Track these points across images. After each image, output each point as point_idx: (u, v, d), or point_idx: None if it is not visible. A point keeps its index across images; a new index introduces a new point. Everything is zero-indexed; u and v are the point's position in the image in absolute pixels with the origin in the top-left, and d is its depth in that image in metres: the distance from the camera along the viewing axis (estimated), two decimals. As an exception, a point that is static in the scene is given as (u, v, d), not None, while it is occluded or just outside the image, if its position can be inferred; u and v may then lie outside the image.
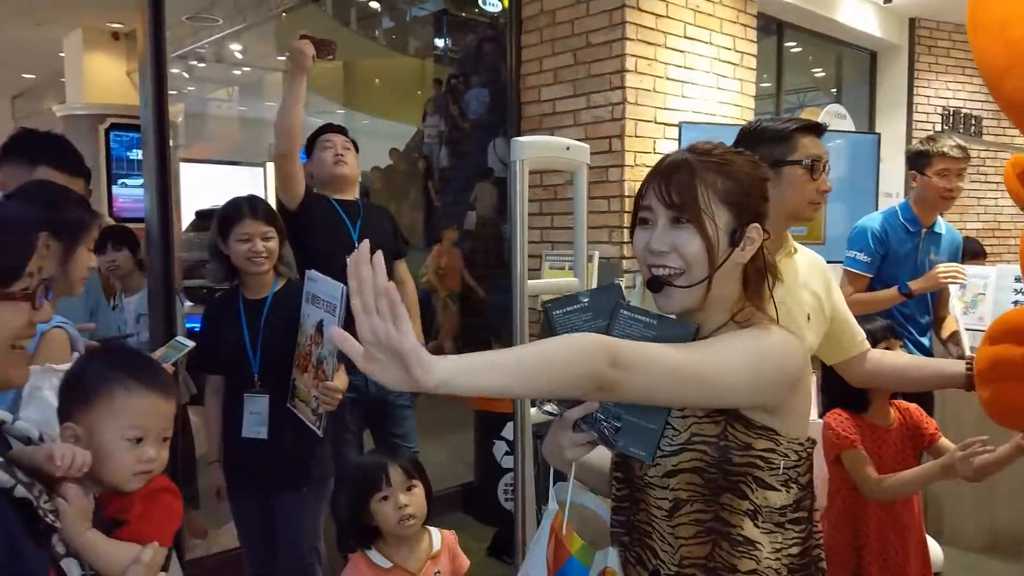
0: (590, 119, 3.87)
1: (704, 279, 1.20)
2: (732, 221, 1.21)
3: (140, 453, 1.19)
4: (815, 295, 1.90)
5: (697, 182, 1.20)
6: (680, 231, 1.20)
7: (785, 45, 5.71)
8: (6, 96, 13.36)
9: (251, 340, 2.49)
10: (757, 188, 1.25)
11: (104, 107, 7.71)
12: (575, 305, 1.26)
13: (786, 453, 1.21)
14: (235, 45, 9.11)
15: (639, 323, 1.22)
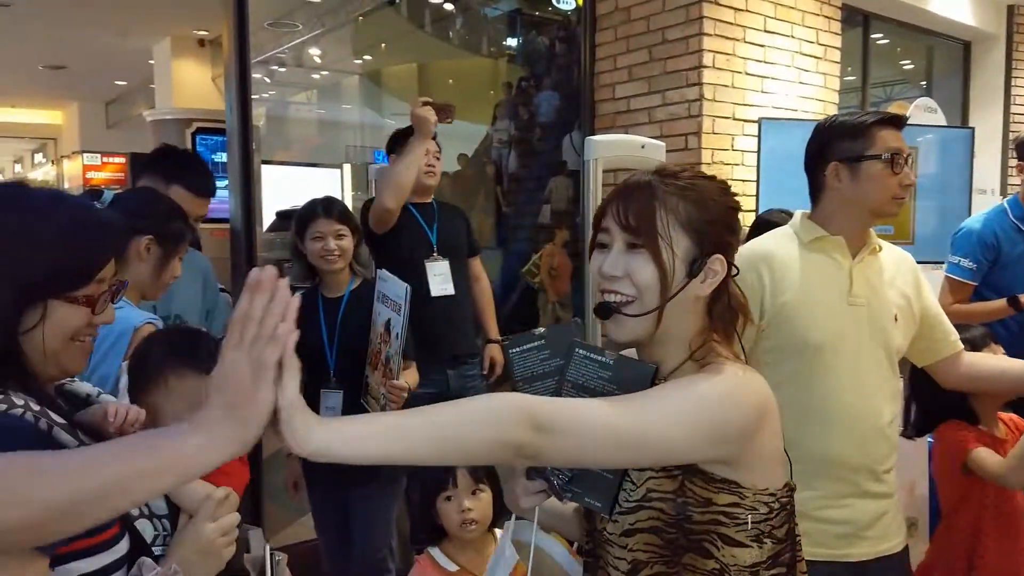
0: (665, 116, 3.80)
1: (654, 309, 1.10)
2: (692, 249, 1.11)
3: None
4: (903, 294, 1.81)
5: (657, 205, 1.11)
6: (635, 256, 1.11)
7: (871, 37, 5.50)
8: (101, 102, 14.09)
9: (328, 337, 2.54)
10: (724, 217, 1.15)
11: (191, 111, 8.01)
12: (532, 343, 1.20)
13: (754, 506, 1.09)
14: (314, 49, 9.34)
15: (594, 363, 1.14)
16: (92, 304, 1.07)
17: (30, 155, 19.47)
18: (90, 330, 1.10)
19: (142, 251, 1.81)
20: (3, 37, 9.20)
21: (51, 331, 1.04)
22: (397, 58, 9.96)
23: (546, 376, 1.20)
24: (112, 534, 1.08)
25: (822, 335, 1.73)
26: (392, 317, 2.35)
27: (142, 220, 1.82)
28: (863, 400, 1.74)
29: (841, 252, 1.77)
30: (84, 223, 1.09)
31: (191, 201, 2.38)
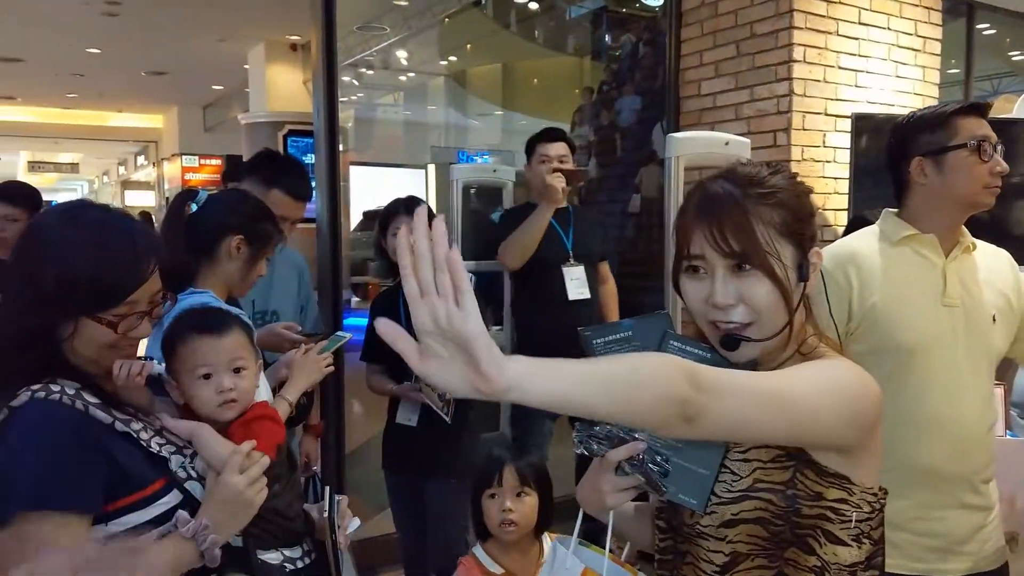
0: (753, 112, 3.71)
1: (784, 326, 1.06)
2: (797, 254, 1.08)
3: (215, 385, 1.33)
4: (1002, 293, 1.73)
5: (753, 221, 1.05)
6: (744, 279, 1.05)
7: (976, 27, 5.23)
8: (199, 106, 14.71)
9: (409, 332, 2.56)
10: (808, 208, 1.11)
11: (283, 114, 8.29)
12: (618, 334, 1.13)
13: (859, 504, 1.06)
14: (401, 52, 9.52)
15: (691, 355, 1.09)
16: (115, 326, 1.17)
17: (133, 157, 20.48)
18: (126, 340, 1.20)
19: (232, 250, 1.88)
20: (111, 44, 9.72)
21: (82, 344, 1.18)
22: (482, 59, 10.06)
23: None
24: (157, 487, 1.18)
25: (914, 337, 1.66)
26: None
27: (234, 220, 1.88)
28: (960, 406, 1.66)
29: (933, 250, 1.70)
30: (117, 251, 1.18)
31: (289, 204, 2.47)
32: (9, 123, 15.53)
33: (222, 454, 1.23)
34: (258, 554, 1.29)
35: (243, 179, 2.50)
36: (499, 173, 3.72)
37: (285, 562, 1.33)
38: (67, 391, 1.14)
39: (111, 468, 1.13)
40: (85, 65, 11.10)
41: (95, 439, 1.13)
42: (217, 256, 1.86)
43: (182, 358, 1.35)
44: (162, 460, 1.21)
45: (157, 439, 1.23)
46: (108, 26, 8.72)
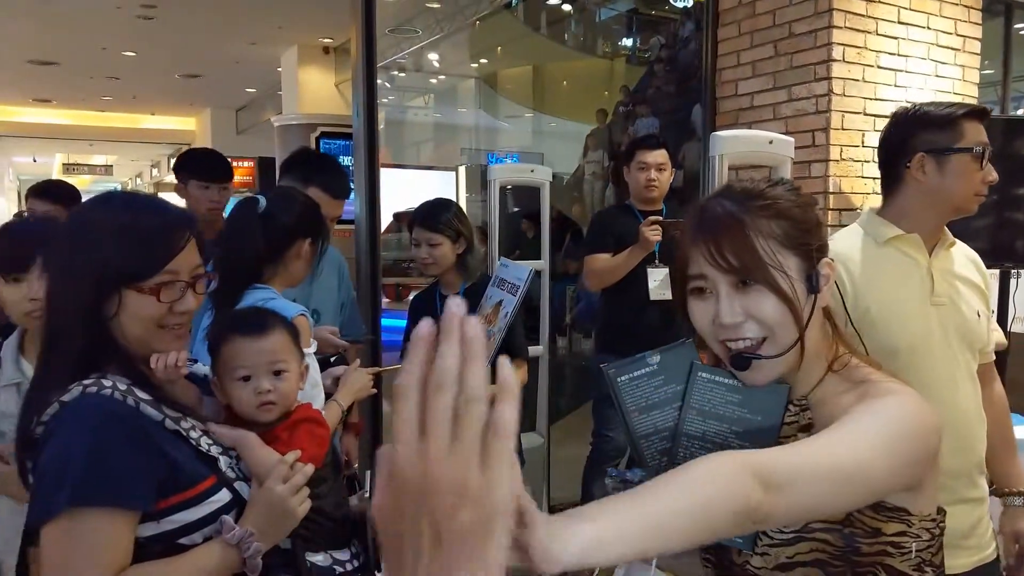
0: (791, 112, 3.69)
1: (796, 342, 1.02)
2: (803, 265, 1.03)
3: (254, 387, 1.34)
4: (979, 288, 1.76)
5: (752, 235, 1.02)
6: (749, 295, 1.02)
7: (1015, 27, 5.16)
8: (231, 109, 14.88)
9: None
10: (813, 219, 1.07)
11: (315, 117, 8.35)
12: (643, 369, 1.09)
13: (918, 534, 1.02)
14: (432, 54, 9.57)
15: (721, 386, 1.05)
16: (157, 293, 1.17)
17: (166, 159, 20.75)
18: (175, 318, 1.21)
19: (303, 252, 1.95)
20: (145, 47, 9.87)
21: (128, 319, 1.18)
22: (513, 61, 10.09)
23: (664, 404, 1.10)
24: (207, 486, 1.19)
25: (908, 339, 1.66)
26: (505, 298, 2.40)
27: (306, 225, 1.95)
28: (958, 401, 1.68)
29: (918, 250, 1.70)
30: (150, 222, 1.20)
31: (328, 202, 2.49)
32: (45, 125, 15.82)
33: (267, 463, 1.24)
34: (306, 556, 1.29)
35: (281, 177, 2.53)
36: (536, 173, 3.73)
37: (335, 564, 1.34)
38: (119, 386, 1.14)
39: (162, 465, 1.14)
40: (119, 68, 11.28)
41: (146, 435, 1.14)
42: (286, 257, 1.92)
43: (223, 359, 1.36)
44: (211, 459, 1.22)
45: (206, 439, 1.24)
46: (142, 29, 8.86)
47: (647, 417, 1.10)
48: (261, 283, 1.87)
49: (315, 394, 1.78)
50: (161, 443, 1.15)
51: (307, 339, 1.82)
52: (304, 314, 1.84)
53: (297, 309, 1.81)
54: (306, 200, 2.06)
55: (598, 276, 3.29)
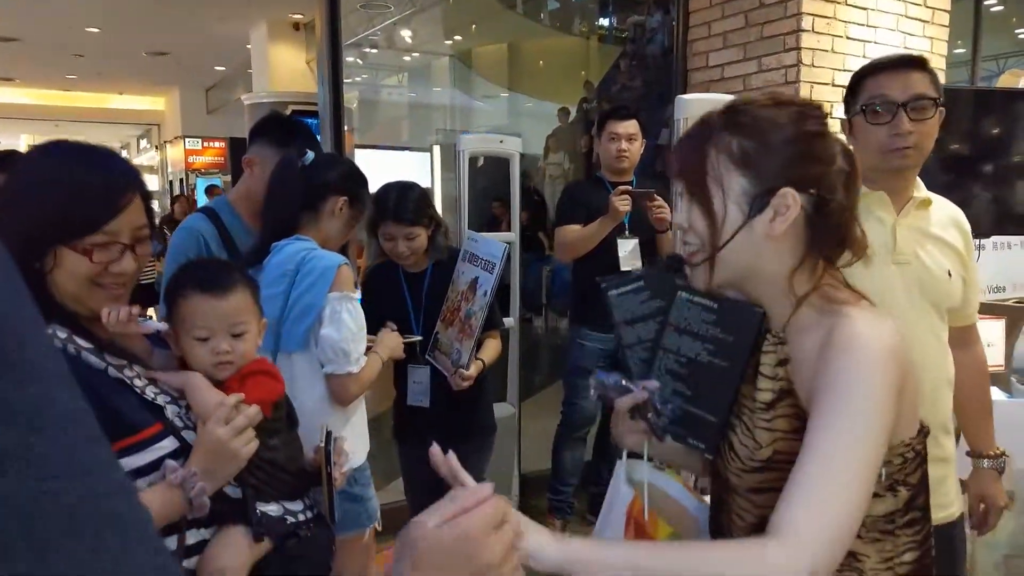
0: (761, 83, 3.69)
1: (706, 258, 1.05)
2: (751, 187, 1.02)
3: (212, 347, 1.31)
4: (955, 249, 1.73)
5: (709, 149, 1.03)
6: (692, 206, 1.06)
7: (985, 4, 5.21)
8: (201, 88, 14.66)
9: (414, 311, 2.55)
10: (791, 145, 1.02)
11: (286, 94, 8.24)
12: (631, 285, 1.18)
13: (889, 460, 1.04)
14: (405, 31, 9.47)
15: (698, 307, 1.11)
16: (90, 254, 1.15)
17: (136, 140, 20.45)
18: (111, 278, 1.18)
19: (336, 210, 2.00)
20: (110, 24, 9.67)
21: (63, 276, 1.15)
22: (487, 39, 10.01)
23: (647, 318, 1.19)
24: (152, 433, 1.17)
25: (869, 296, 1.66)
26: (481, 275, 2.36)
27: (342, 182, 2.02)
28: (923, 362, 1.65)
29: (884, 208, 1.68)
30: (91, 179, 1.17)
31: None
32: (8, 105, 15.49)
33: (210, 403, 1.22)
34: (258, 506, 1.28)
35: (252, 142, 2.47)
36: (506, 144, 3.70)
37: (286, 515, 1.33)
38: (58, 334, 1.13)
39: (104, 412, 1.11)
40: (84, 45, 11.05)
41: (87, 383, 1.10)
42: (320, 212, 1.98)
43: (181, 314, 1.32)
44: (157, 408, 1.20)
45: (152, 387, 1.22)
46: (107, 4, 8.68)
47: (632, 328, 1.19)
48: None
49: (360, 336, 1.90)
50: (104, 391, 1.14)
51: (351, 285, 1.92)
52: (346, 264, 1.90)
53: (340, 259, 1.90)
54: (353, 164, 2.13)
55: (569, 247, 3.28)
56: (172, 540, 1.16)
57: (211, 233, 2.29)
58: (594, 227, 3.14)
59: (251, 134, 2.42)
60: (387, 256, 2.54)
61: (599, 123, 3.41)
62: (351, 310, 1.88)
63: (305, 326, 1.88)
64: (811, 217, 1.04)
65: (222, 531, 1.23)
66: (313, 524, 1.36)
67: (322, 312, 1.86)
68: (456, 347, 2.38)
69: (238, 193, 2.42)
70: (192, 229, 2.30)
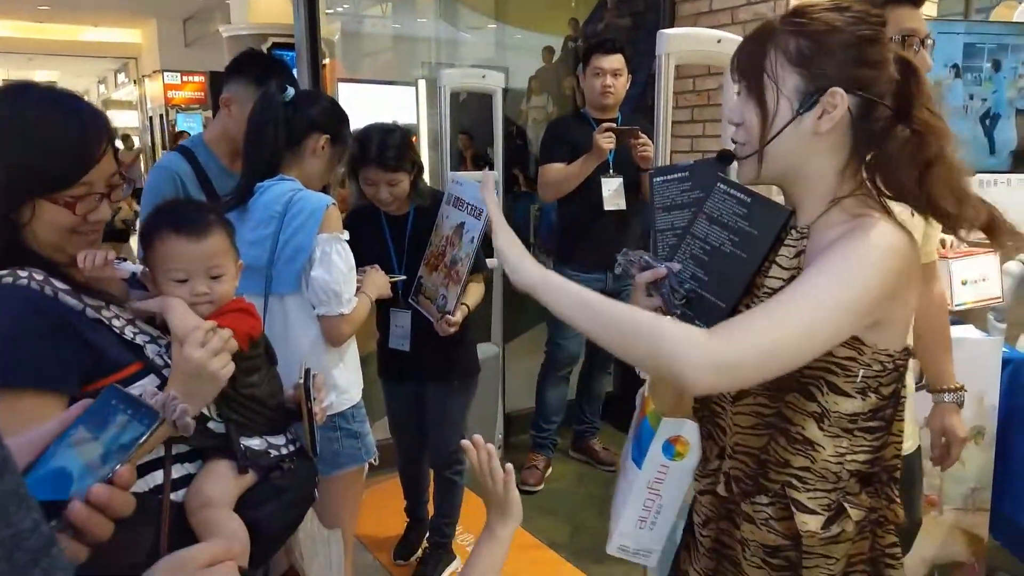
0: (750, 16, 3.63)
1: (754, 152, 1.13)
2: (803, 85, 1.08)
3: (190, 288, 1.31)
4: None
5: (769, 47, 1.10)
6: (747, 101, 1.13)
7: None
8: (178, 19, 14.24)
9: (397, 255, 2.54)
10: (844, 47, 1.07)
11: (266, 27, 8.06)
12: (676, 174, 1.27)
13: (869, 363, 1.11)
14: (388, -42, 9.17)
15: (733, 199, 1.19)
16: (72, 207, 1.15)
17: (113, 75, 19.96)
18: (88, 226, 1.19)
19: (318, 148, 1.99)
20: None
21: (42, 227, 1.16)
22: (472, -33, 9.71)
23: (684, 207, 1.27)
24: (133, 371, 1.18)
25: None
26: (468, 221, 2.34)
27: (323, 119, 1.99)
28: None
29: None
30: (67, 129, 1.16)
31: None
32: (-20, 38, 15.05)
33: (188, 326, 1.23)
34: (241, 440, 1.30)
35: (228, 80, 2.41)
36: (488, 79, 3.64)
37: (269, 448, 1.34)
38: (35, 276, 1.13)
39: (84, 350, 1.12)
40: (57, -26, 10.68)
41: (66, 322, 1.13)
42: (301, 150, 1.96)
43: (159, 256, 1.32)
44: (137, 347, 1.21)
45: (131, 327, 1.23)
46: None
47: (667, 215, 1.28)
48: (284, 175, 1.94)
49: (350, 277, 1.92)
50: (82, 330, 1.14)
51: (340, 225, 1.91)
52: (334, 204, 1.90)
53: (327, 199, 1.89)
54: (334, 101, 2.10)
55: (553, 186, 3.27)
56: (158, 474, 1.17)
57: (188, 173, 2.27)
58: (578, 165, 3.12)
59: (227, 72, 2.38)
60: (368, 199, 2.52)
61: (584, 57, 3.35)
62: (340, 251, 1.88)
63: (296, 268, 1.88)
64: (857, 120, 1.09)
65: (207, 464, 1.25)
66: (296, 457, 1.39)
67: (312, 253, 1.86)
68: (442, 292, 2.38)
69: (214, 132, 2.39)
70: (168, 169, 2.28)
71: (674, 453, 1.34)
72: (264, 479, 1.31)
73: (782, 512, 1.16)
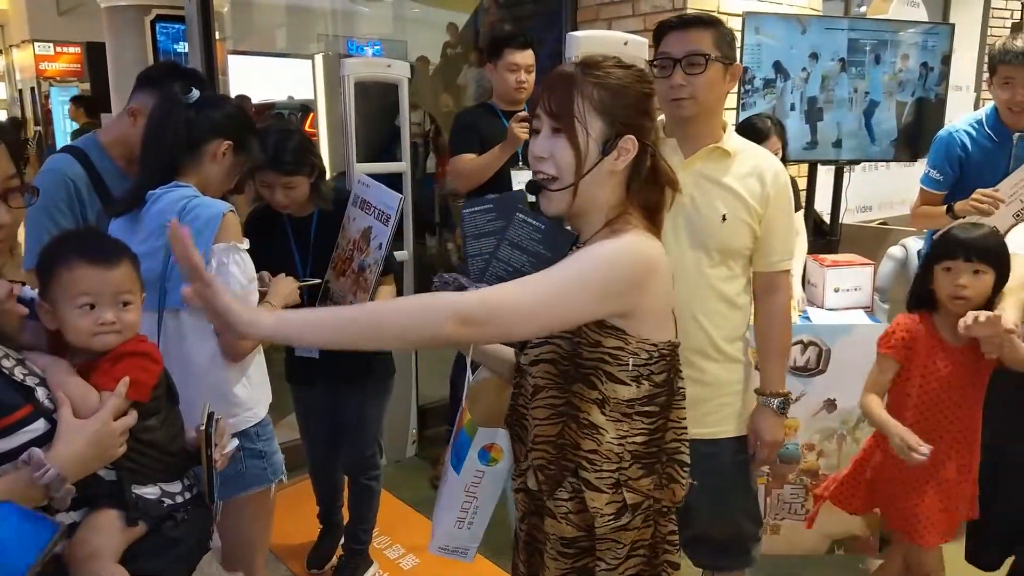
0: (649, 9, 3.70)
1: (571, 184, 1.28)
2: (605, 131, 1.28)
3: (95, 317, 1.28)
4: (740, 197, 1.86)
5: (575, 93, 1.27)
6: (557, 140, 1.28)
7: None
8: (52, -12, 13.24)
9: (302, 259, 2.47)
10: (636, 101, 1.30)
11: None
12: (483, 206, 1.41)
13: (636, 352, 1.30)
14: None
15: (530, 227, 1.36)
16: None
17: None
18: None
19: (219, 154, 1.89)
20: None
21: None
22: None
23: (490, 235, 1.42)
24: (23, 415, 1.14)
25: None
26: (375, 225, 2.31)
27: (227, 124, 1.90)
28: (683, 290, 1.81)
29: (673, 152, 1.85)
30: None
31: None
32: None
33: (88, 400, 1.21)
34: (133, 488, 1.26)
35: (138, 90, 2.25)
36: (394, 68, 3.58)
37: (163, 497, 1.31)
38: None
39: None
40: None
41: None
42: (201, 154, 1.86)
43: (63, 284, 1.27)
44: (27, 389, 1.16)
45: (20, 368, 1.18)
46: None
47: (477, 242, 1.42)
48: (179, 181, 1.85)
49: (250, 289, 1.85)
50: None
51: (239, 234, 1.83)
52: (232, 211, 1.81)
53: (224, 206, 1.81)
54: (242, 108, 2.01)
55: (465, 176, 3.22)
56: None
57: (81, 177, 2.15)
58: (491, 155, 3.09)
59: (139, 82, 2.24)
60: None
61: (494, 49, 3.27)
62: (239, 261, 1.80)
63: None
64: (637, 161, 1.32)
65: (95, 513, 1.22)
66: (191, 506, 1.36)
67: (207, 265, 1.79)
68: (350, 300, 2.35)
69: (112, 136, 2.26)
70: (60, 172, 2.15)
71: (489, 459, 1.48)
72: (155, 530, 1.28)
73: (579, 506, 1.34)
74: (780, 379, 2.01)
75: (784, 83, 3.56)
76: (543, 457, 1.37)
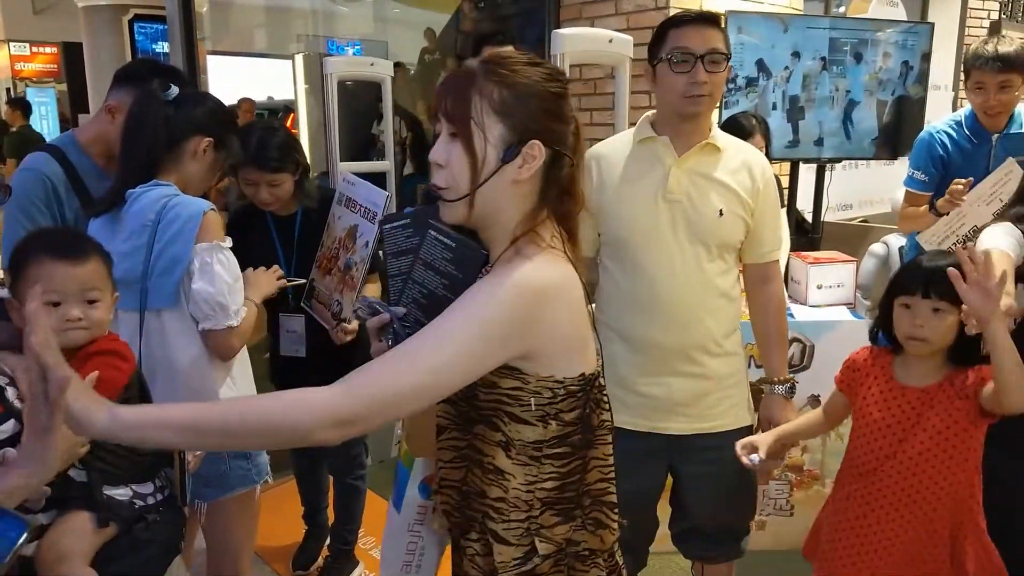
0: (632, 8, 3.70)
1: (465, 196, 1.15)
2: (507, 135, 1.14)
3: (61, 314, 1.28)
4: (734, 192, 1.88)
5: (473, 93, 1.13)
6: (454, 145, 1.15)
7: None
8: (28, -13, 13.07)
9: (285, 258, 2.44)
10: (541, 101, 1.15)
11: (127, -4, 7.52)
12: (400, 221, 1.28)
13: (537, 391, 1.16)
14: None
15: (441, 245, 1.22)
16: None
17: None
18: None
19: (199, 151, 1.86)
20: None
21: None
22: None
23: (407, 252, 1.29)
24: None
25: (631, 230, 1.87)
26: (361, 224, 2.29)
27: (208, 121, 1.87)
28: (674, 288, 1.86)
29: (666, 151, 1.86)
30: None
31: None
32: None
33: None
34: (105, 490, 1.25)
35: (116, 87, 2.22)
36: (377, 67, 3.56)
37: (135, 498, 1.30)
38: None
39: None
40: None
41: None
42: (181, 152, 1.84)
43: (30, 280, 1.25)
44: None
45: None
46: None
47: (396, 261, 1.30)
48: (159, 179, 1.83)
49: (236, 287, 1.83)
50: None
51: (221, 233, 1.81)
52: (213, 210, 1.80)
53: (205, 205, 1.79)
54: (222, 104, 1.98)
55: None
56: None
57: (58, 176, 2.12)
58: None
59: (116, 78, 2.21)
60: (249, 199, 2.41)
61: (474, 48, 3.29)
62: (223, 260, 1.79)
63: (173, 280, 1.77)
64: (548, 169, 1.17)
65: (65, 516, 1.20)
66: (163, 507, 1.34)
67: (191, 265, 1.77)
68: (336, 299, 2.32)
69: (89, 134, 2.23)
70: (37, 171, 2.11)
71: (430, 492, 1.37)
72: (127, 531, 1.26)
73: (486, 548, 1.22)
74: (783, 366, 2.03)
75: (766, 82, 3.58)
76: (448, 503, 1.28)
